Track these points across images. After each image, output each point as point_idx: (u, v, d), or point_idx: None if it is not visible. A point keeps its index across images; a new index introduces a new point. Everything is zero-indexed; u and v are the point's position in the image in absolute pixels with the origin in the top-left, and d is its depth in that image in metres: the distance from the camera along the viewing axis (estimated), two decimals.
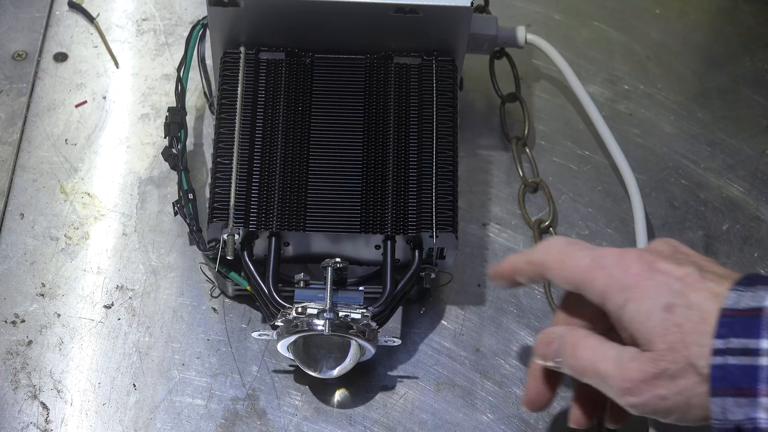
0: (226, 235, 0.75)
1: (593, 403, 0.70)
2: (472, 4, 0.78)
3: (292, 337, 0.72)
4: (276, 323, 0.73)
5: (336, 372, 0.74)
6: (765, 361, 0.58)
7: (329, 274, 0.73)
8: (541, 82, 0.92)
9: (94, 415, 0.75)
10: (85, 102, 0.89)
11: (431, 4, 0.78)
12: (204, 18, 0.83)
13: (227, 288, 0.79)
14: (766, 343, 0.58)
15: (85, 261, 0.81)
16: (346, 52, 0.81)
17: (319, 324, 0.71)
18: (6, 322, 0.79)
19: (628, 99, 0.91)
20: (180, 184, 0.79)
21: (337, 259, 0.74)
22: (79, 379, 0.77)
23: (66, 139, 0.87)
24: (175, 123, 0.82)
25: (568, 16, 0.96)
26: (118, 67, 0.91)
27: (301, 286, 0.74)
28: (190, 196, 0.79)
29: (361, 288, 0.75)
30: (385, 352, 0.78)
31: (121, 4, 0.94)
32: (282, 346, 0.74)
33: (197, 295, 0.80)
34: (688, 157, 0.89)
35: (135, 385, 0.76)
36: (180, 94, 0.83)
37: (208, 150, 0.86)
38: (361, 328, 0.72)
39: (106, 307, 0.80)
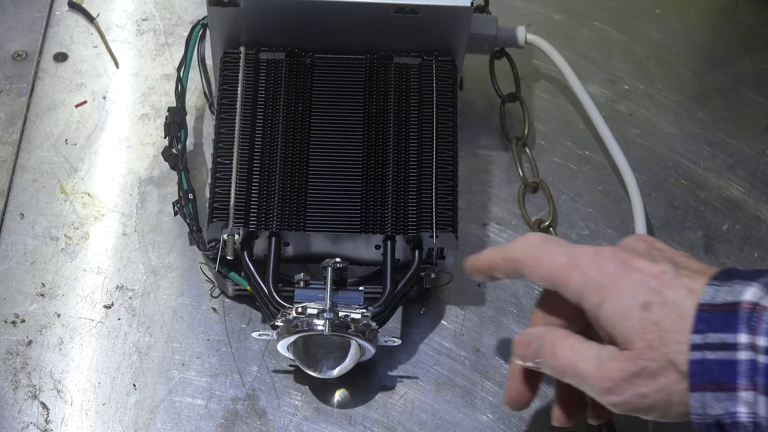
0: (226, 235, 0.75)
1: (575, 401, 0.69)
2: (472, 4, 0.78)
3: (292, 337, 0.72)
4: (276, 323, 0.73)
5: (336, 372, 0.74)
6: (743, 355, 0.58)
7: (329, 274, 0.73)
8: (541, 82, 0.92)
9: (94, 415, 0.75)
10: (85, 102, 0.89)
11: (431, 4, 0.78)
12: (204, 18, 0.83)
13: (227, 288, 0.79)
14: (744, 338, 0.58)
15: (85, 261, 0.81)
16: (346, 52, 0.81)
17: (319, 324, 0.71)
18: (6, 322, 0.79)
19: (628, 99, 0.91)
20: (180, 184, 0.79)
21: (337, 259, 0.74)
22: (79, 379, 0.77)
23: (66, 139, 0.87)
24: (175, 123, 0.82)
25: (568, 16, 0.96)
26: (118, 67, 0.91)
27: (301, 286, 0.74)
28: (190, 196, 0.79)
29: (361, 288, 0.75)
30: (385, 352, 0.78)
31: (121, 4, 0.94)
32: (282, 346, 0.74)
33: (197, 295, 0.80)
34: (688, 157, 0.89)
35: (135, 385, 0.76)
36: (180, 94, 0.83)
37: (208, 150, 0.86)
38: (361, 328, 0.72)
39: (106, 307, 0.80)
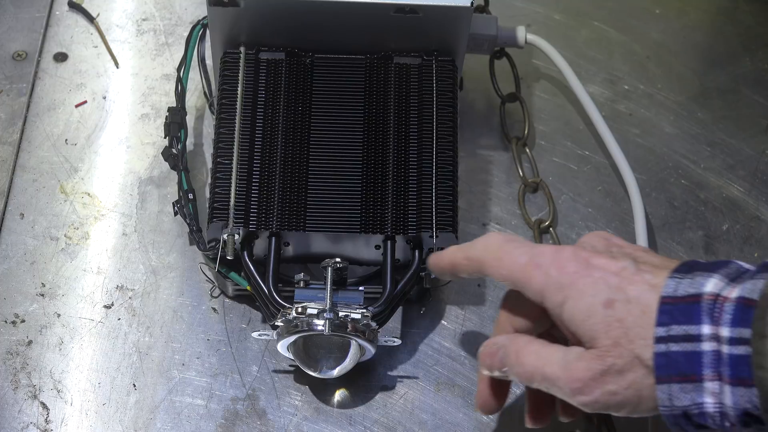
0: (226, 235, 0.75)
1: (545, 403, 0.69)
2: (472, 4, 0.78)
3: (292, 337, 0.72)
4: (276, 323, 0.73)
5: (336, 372, 0.74)
6: (707, 346, 0.59)
7: (329, 274, 0.73)
8: (541, 82, 0.92)
9: (94, 415, 0.75)
10: (85, 102, 0.89)
11: (431, 4, 0.78)
12: (204, 18, 0.83)
13: (227, 288, 0.79)
14: (707, 329, 0.59)
15: (85, 261, 0.81)
16: (346, 52, 0.81)
17: (319, 324, 0.71)
18: (6, 322, 0.79)
19: (628, 99, 0.91)
20: (180, 184, 0.79)
21: (337, 259, 0.74)
22: (79, 379, 0.77)
23: (66, 139, 0.87)
24: (175, 123, 0.82)
25: (568, 16, 0.96)
26: (118, 67, 0.91)
27: (301, 286, 0.74)
28: (190, 196, 0.79)
29: (361, 288, 0.75)
30: (385, 352, 0.78)
31: (121, 4, 0.94)
32: (282, 346, 0.74)
33: (197, 295, 0.80)
34: (688, 157, 0.88)
35: (135, 385, 0.76)
36: (180, 94, 0.83)
37: (208, 150, 0.86)
38: (361, 328, 0.72)
39: (106, 307, 0.80)
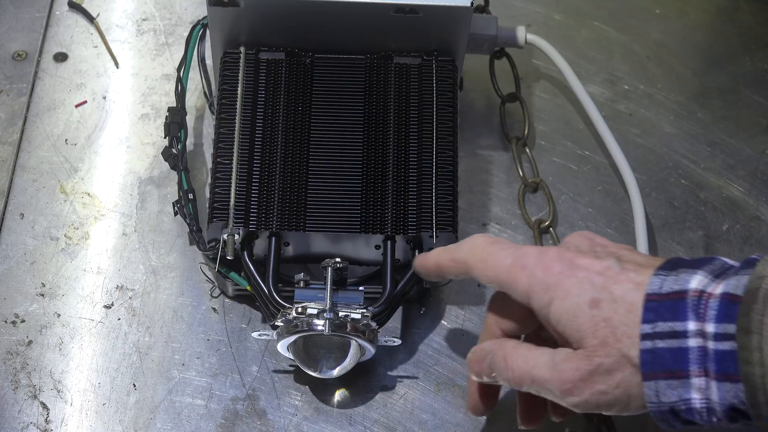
0: (226, 235, 0.75)
1: (537, 404, 0.70)
2: (472, 4, 0.78)
3: (292, 337, 0.72)
4: (276, 323, 0.73)
5: (336, 372, 0.74)
6: (693, 342, 0.59)
7: (329, 274, 0.73)
8: (541, 82, 0.92)
9: (94, 415, 0.75)
10: (85, 102, 0.89)
11: (431, 4, 0.78)
12: (204, 18, 0.83)
13: (227, 288, 0.79)
14: (692, 325, 0.59)
15: (85, 261, 0.81)
16: (346, 52, 0.81)
17: (319, 324, 0.71)
18: (6, 322, 0.79)
19: (628, 99, 0.91)
20: (180, 184, 0.79)
21: (337, 259, 0.74)
22: (79, 379, 0.77)
23: (66, 139, 0.87)
24: (175, 123, 0.82)
25: (568, 16, 0.96)
26: (118, 67, 0.91)
27: (301, 286, 0.74)
28: (190, 196, 0.79)
29: (361, 288, 0.75)
30: (385, 352, 0.78)
31: (121, 4, 0.94)
32: (282, 346, 0.74)
33: (197, 295, 0.80)
34: (688, 157, 0.88)
35: (135, 385, 0.76)
36: (180, 94, 0.83)
37: (208, 150, 0.86)
38: (361, 328, 0.72)
39: (106, 307, 0.80)
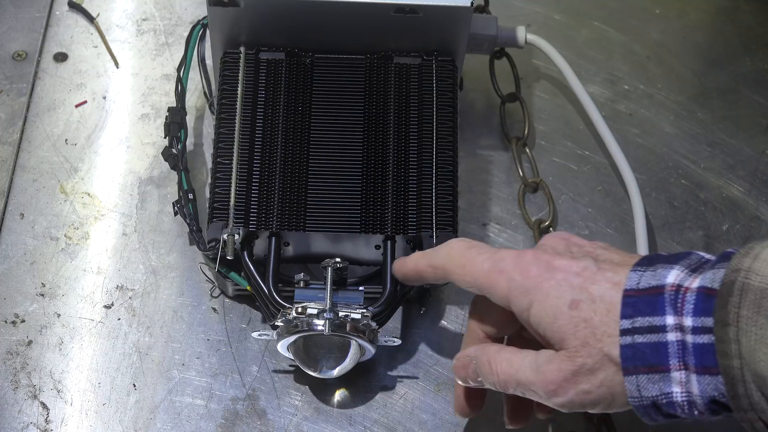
0: (226, 235, 0.75)
1: (523, 403, 0.70)
2: (472, 4, 0.78)
3: (292, 337, 0.72)
4: (276, 323, 0.73)
5: (336, 372, 0.74)
6: (672, 336, 0.59)
7: (329, 274, 0.73)
8: (541, 82, 0.92)
9: (94, 415, 0.75)
10: (85, 102, 0.89)
11: (431, 4, 0.78)
12: (204, 18, 0.83)
13: (227, 288, 0.79)
14: (671, 319, 0.59)
15: (85, 261, 0.81)
16: (346, 52, 0.81)
17: (319, 324, 0.71)
18: (6, 322, 0.79)
19: (628, 99, 0.91)
20: (180, 184, 0.79)
21: (337, 259, 0.74)
22: (79, 379, 0.77)
23: (66, 139, 0.87)
24: (175, 123, 0.82)
25: (568, 16, 0.96)
26: (118, 67, 0.91)
27: (301, 286, 0.74)
28: (190, 196, 0.79)
29: (361, 288, 0.75)
30: (385, 352, 0.78)
31: (121, 4, 0.94)
32: (282, 346, 0.74)
33: (197, 295, 0.80)
34: (688, 157, 0.88)
35: (135, 385, 0.76)
36: (180, 94, 0.83)
37: (208, 150, 0.86)
38: (361, 328, 0.72)
39: (106, 307, 0.80)
